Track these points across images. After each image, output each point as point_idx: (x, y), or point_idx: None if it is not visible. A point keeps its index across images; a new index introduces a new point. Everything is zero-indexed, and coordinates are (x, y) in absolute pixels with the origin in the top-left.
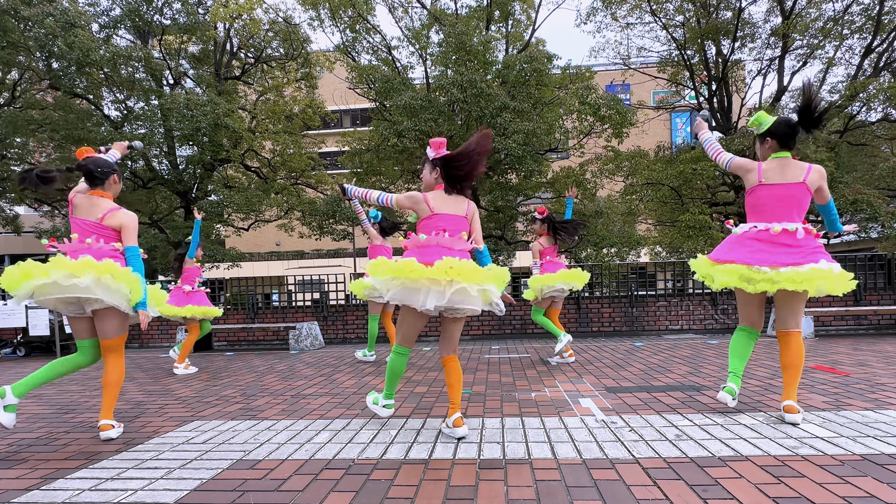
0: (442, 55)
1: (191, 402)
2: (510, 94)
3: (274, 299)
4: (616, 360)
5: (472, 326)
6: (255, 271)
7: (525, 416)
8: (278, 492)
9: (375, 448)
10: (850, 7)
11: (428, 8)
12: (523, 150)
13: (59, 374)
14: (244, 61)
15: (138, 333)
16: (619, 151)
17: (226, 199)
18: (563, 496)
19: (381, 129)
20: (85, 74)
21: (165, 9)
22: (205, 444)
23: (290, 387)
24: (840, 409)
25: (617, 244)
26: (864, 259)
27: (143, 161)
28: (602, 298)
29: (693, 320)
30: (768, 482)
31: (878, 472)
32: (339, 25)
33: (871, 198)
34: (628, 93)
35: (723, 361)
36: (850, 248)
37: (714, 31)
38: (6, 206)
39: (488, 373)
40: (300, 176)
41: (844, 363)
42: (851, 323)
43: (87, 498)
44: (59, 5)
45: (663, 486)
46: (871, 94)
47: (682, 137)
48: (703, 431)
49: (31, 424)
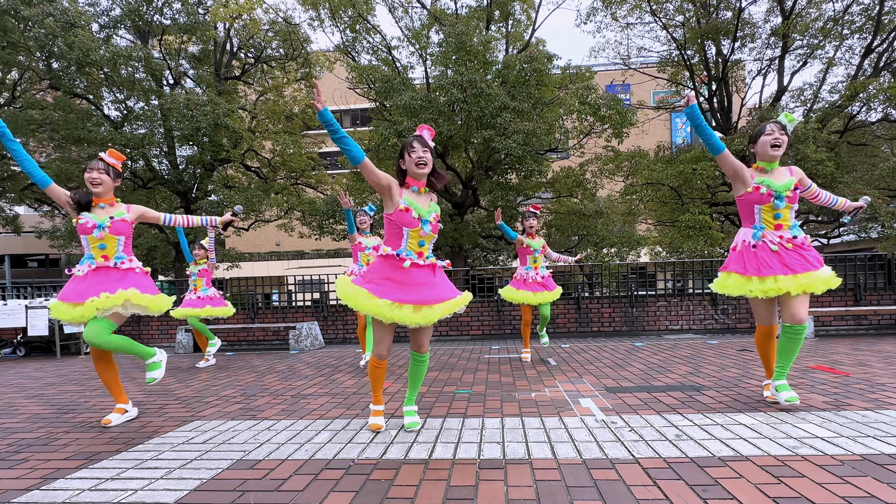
0: (442, 55)
1: (191, 402)
2: (510, 94)
3: (274, 299)
4: (616, 360)
5: (472, 326)
6: (255, 271)
7: (525, 416)
8: (278, 492)
9: (375, 448)
10: (850, 7)
11: (428, 8)
12: (523, 150)
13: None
14: (244, 61)
15: (138, 334)
16: (619, 151)
17: (226, 199)
18: (563, 496)
19: (381, 129)
20: (85, 74)
21: (165, 9)
22: (205, 444)
23: (290, 387)
24: (840, 409)
25: (617, 244)
26: (864, 259)
27: (143, 161)
28: (602, 298)
29: (693, 320)
30: (768, 482)
31: (878, 472)
32: (339, 25)
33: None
34: (628, 93)
35: (722, 361)
36: (850, 248)
37: (714, 31)
38: (6, 206)
39: (488, 373)
40: (300, 176)
41: (844, 363)
42: (851, 323)
43: (87, 498)
44: (59, 5)
45: (663, 486)
46: (871, 94)
47: (683, 137)
48: (703, 431)
49: (31, 424)
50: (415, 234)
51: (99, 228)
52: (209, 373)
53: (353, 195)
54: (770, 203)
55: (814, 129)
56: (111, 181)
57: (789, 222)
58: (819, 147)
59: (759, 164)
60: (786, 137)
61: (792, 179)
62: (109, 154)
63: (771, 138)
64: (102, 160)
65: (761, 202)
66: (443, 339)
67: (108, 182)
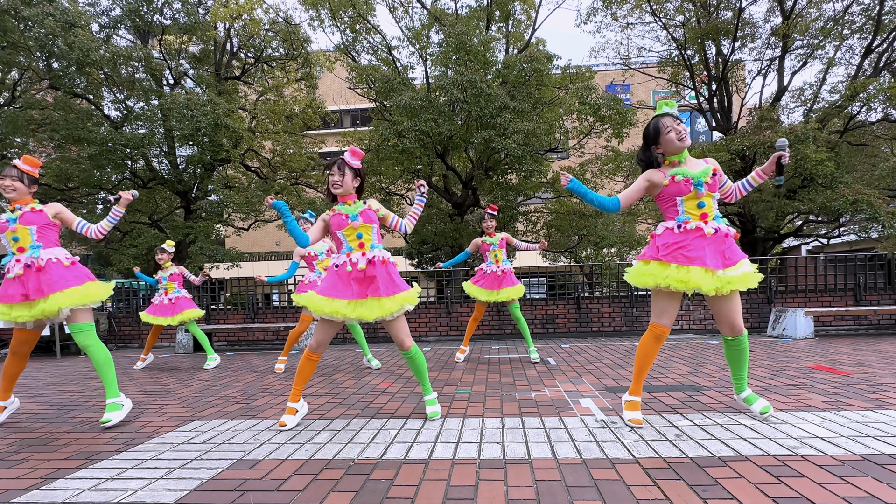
0: (442, 55)
1: (191, 402)
2: (510, 94)
3: (274, 299)
4: (616, 360)
5: None
6: (255, 271)
7: (525, 416)
8: (278, 492)
9: (375, 448)
10: (850, 7)
11: (428, 8)
12: (523, 150)
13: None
14: (244, 61)
15: (138, 333)
16: (619, 151)
17: (226, 199)
18: (563, 496)
19: (381, 129)
20: (85, 74)
21: (165, 9)
22: (205, 444)
23: (290, 387)
24: (840, 409)
25: (617, 244)
26: (864, 259)
27: (143, 161)
28: (602, 298)
29: (693, 320)
30: (768, 482)
31: (878, 472)
32: (339, 25)
33: (871, 198)
34: (628, 93)
35: (722, 361)
36: (850, 248)
37: (714, 31)
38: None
39: (488, 373)
40: (300, 176)
41: (844, 363)
42: (851, 323)
43: (87, 498)
44: (59, 5)
45: (663, 486)
46: (871, 94)
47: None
48: (703, 431)
49: (31, 424)
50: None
51: (10, 222)
52: (209, 373)
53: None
54: (692, 191)
55: (814, 129)
56: (25, 188)
57: (713, 212)
58: (819, 147)
59: (670, 158)
60: (684, 125)
61: (708, 167)
62: (24, 161)
63: (674, 134)
64: (16, 167)
65: (681, 192)
66: (443, 339)
67: (21, 188)
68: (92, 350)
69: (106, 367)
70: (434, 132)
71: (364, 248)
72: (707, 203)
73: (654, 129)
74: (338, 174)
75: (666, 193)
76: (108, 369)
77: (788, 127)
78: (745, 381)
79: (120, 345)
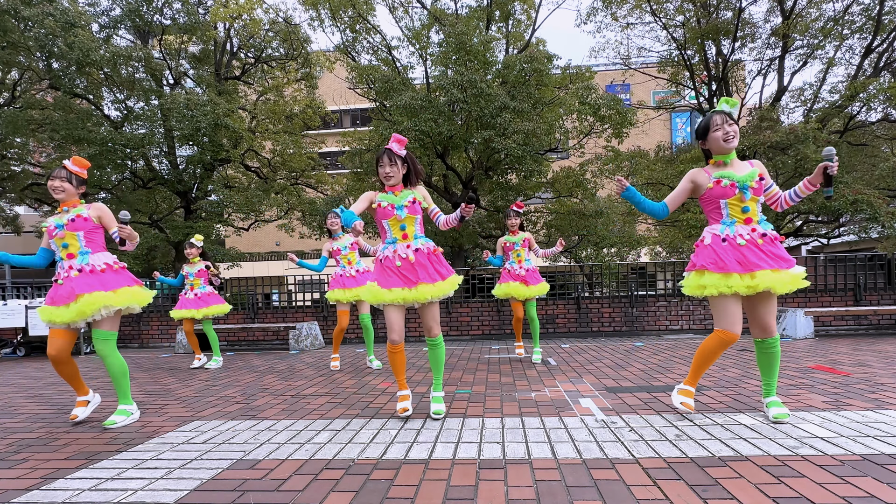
0: (442, 55)
1: (191, 402)
2: (510, 94)
3: (274, 299)
4: (616, 360)
5: (472, 326)
6: (255, 271)
7: (525, 416)
8: (278, 492)
9: (375, 448)
10: (850, 7)
11: (428, 8)
12: (523, 150)
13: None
14: (244, 61)
15: (138, 333)
16: (619, 151)
17: (226, 199)
18: (563, 496)
19: (381, 129)
20: (85, 74)
21: (165, 9)
22: (205, 444)
23: (290, 387)
24: (840, 409)
25: (617, 244)
26: (864, 259)
27: (143, 161)
28: (602, 298)
29: (693, 320)
30: (768, 482)
31: (878, 472)
32: (339, 25)
33: (871, 198)
34: (628, 93)
35: (723, 361)
36: (850, 249)
37: (714, 31)
38: (6, 206)
39: (488, 373)
40: (300, 176)
41: (844, 363)
42: (851, 323)
43: (87, 498)
44: (59, 5)
45: (663, 486)
46: (871, 94)
47: (683, 137)
48: (703, 431)
49: (31, 424)
50: (394, 222)
51: (59, 228)
52: (209, 373)
53: (353, 195)
54: (736, 195)
55: (814, 129)
56: (73, 189)
57: (758, 216)
58: (819, 147)
59: (716, 158)
60: (735, 126)
61: (755, 170)
62: (73, 162)
63: (721, 133)
64: (66, 168)
65: (726, 195)
66: (443, 338)
67: (70, 189)
68: (110, 360)
69: (122, 378)
70: (434, 132)
71: (408, 238)
72: (752, 207)
73: (706, 124)
74: (389, 166)
75: (710, 196)
76: (124, 380)
77: (788, 127)
78: (773, 387)
79: (120, 345)
